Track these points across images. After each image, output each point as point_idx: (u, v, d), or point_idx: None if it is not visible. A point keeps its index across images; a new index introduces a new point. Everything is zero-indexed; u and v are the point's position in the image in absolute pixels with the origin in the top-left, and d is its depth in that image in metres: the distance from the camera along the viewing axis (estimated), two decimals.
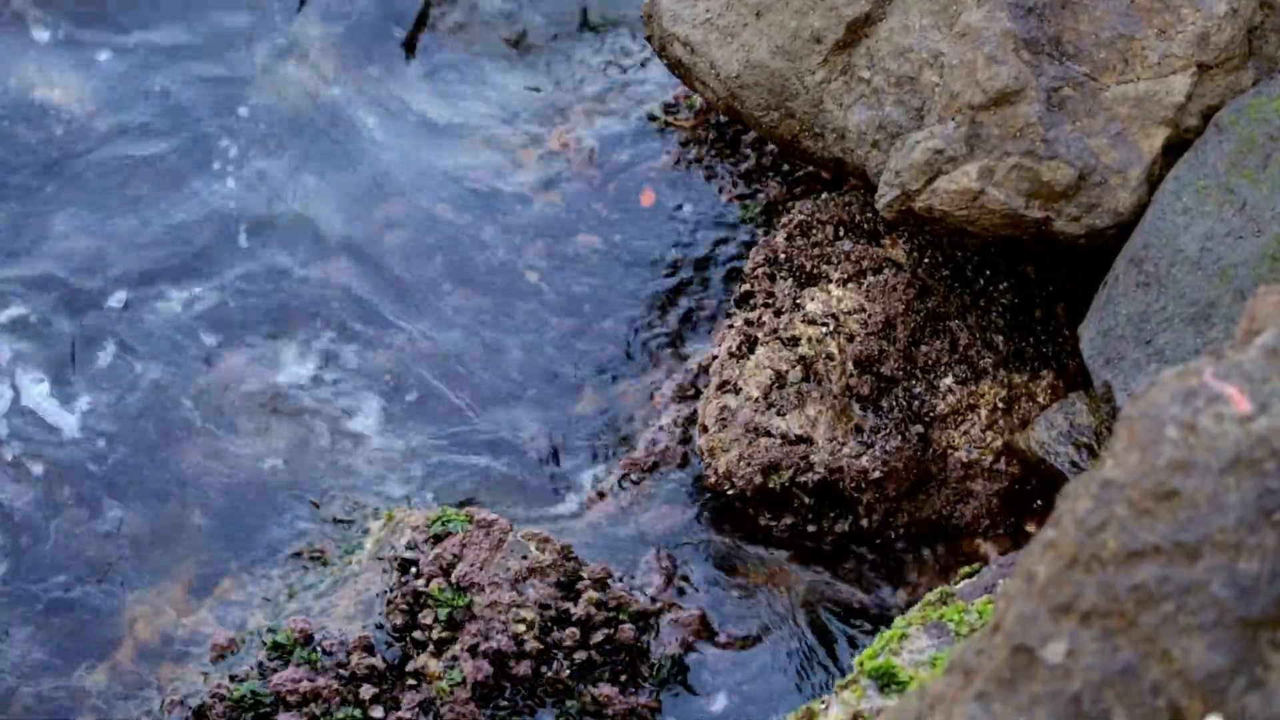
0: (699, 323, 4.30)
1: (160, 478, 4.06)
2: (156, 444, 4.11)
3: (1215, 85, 3.75)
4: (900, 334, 3.97)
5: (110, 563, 3.94)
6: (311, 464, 4.10)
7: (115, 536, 3.97)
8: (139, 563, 3.94)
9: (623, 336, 4.30)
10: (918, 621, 3.16)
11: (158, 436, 4.12)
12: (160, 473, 4.07)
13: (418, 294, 4.38)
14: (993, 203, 3.72)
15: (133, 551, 3.96)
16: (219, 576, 3.93)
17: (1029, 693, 1.93)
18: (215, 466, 4.09)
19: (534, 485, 4.09)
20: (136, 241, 4.44)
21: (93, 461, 4.08)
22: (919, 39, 3.80)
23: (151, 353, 4.25)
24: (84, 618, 3.86)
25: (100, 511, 4.01)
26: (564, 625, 3.74)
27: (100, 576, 3.91)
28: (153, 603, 3.89)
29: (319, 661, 3.70)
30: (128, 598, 3.89)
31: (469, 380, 4.25)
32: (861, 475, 3.87)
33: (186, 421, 4.15)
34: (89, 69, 4.77)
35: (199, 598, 3.91)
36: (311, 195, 4.54)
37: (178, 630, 3.85)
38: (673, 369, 4.22)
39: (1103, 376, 3.68)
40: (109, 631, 3.85)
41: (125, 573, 3.92)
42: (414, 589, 3.76)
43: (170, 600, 3.89)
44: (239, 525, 4.00)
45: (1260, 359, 1.99)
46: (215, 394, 4.19)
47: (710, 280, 4.37)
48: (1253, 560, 1.87)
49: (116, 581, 3.91)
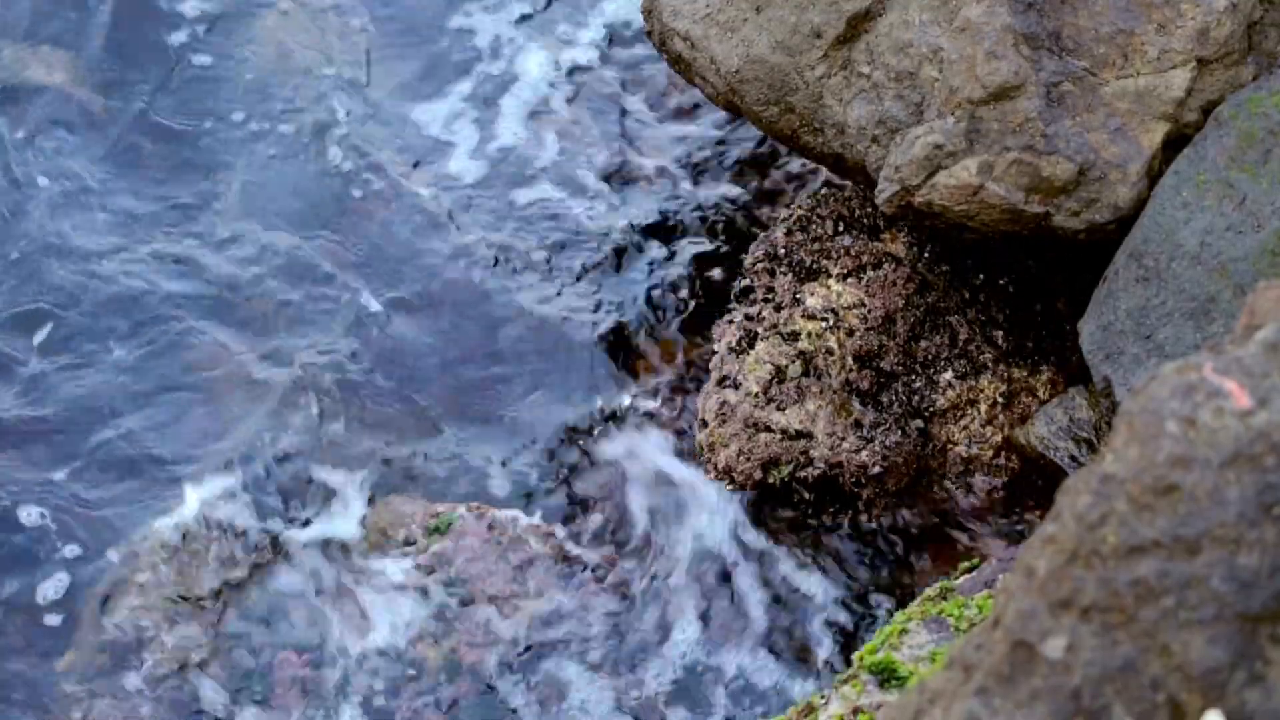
0: (699, 318, 4.30)
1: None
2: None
3: (1215, 80, 3.75)
4: (900, 329, 3.97)
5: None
6: (310, 450, 4.10)
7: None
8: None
9: (622, 331, 4.30)
10: (917, 616, 3.16)
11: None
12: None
13: (407, 282, 4.38)
14: (992, 198, 3.72)
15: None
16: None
17: (1029, 688, 1.93)
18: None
19: (532, 477, 4.09)
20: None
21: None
22: (919, 34, 3.80)
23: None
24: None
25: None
26: (564, 620, 3.74)
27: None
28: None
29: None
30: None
31: (467, 373, 4.25)
32: (861, 470, 3.87)
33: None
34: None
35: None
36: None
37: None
38: (672, 365, 4.22)
39: (1102, 371, 3.68)
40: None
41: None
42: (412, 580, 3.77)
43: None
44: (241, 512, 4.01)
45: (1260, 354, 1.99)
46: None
47: (711, 275, 4.36)
48: (1252, 555, 1.87)
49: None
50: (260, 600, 3.89)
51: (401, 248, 4.47)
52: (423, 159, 4.64)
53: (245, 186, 4.56)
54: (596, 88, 4.78)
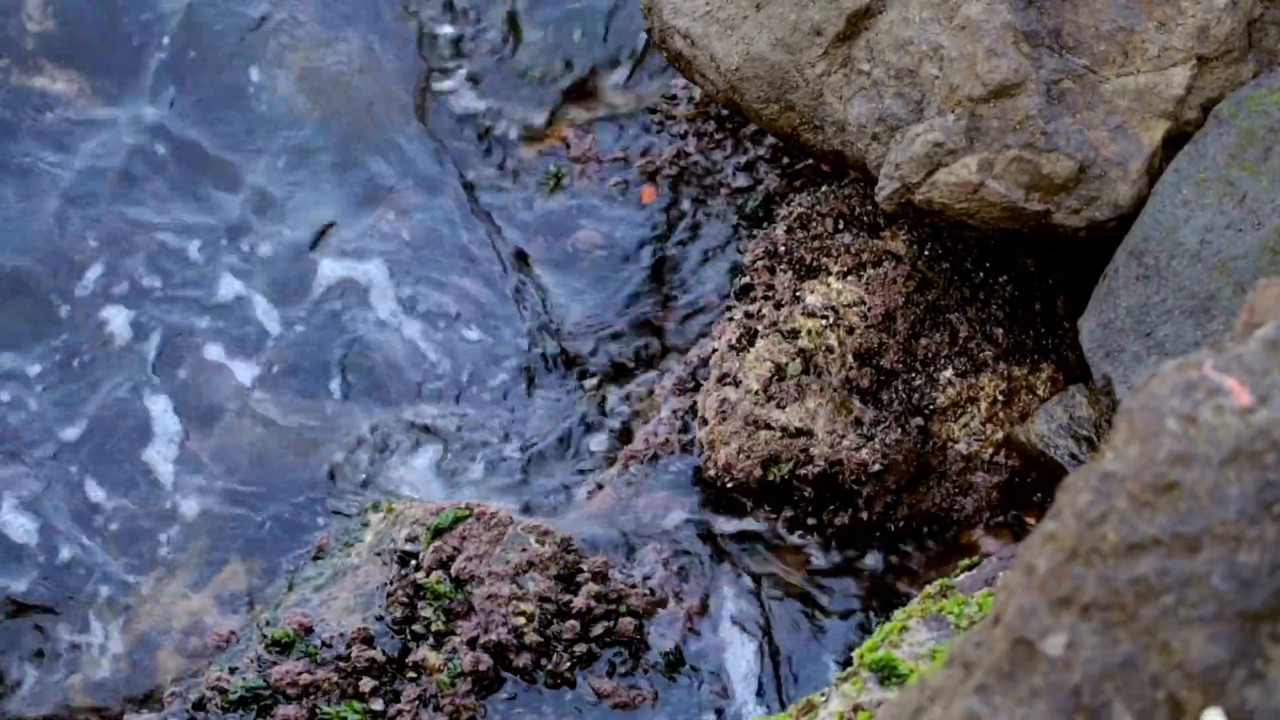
0: (698, 315, 4.30)
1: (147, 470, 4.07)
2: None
3: (1215, 78, 3.75)
4: (900, 327, 3.97)
5: (107, 551, 3.94)
6: (309, 454, 4.10)
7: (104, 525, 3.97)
8: (135, 552, 3.94)
9: (622, 328, 4.30)
10: (918, 614, 3.16)
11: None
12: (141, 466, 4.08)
13: (412, 285, 4.38)
14: (992, 195, 3.72)
15: (130, 541, 3.96)
16: (219, 566, 3.93)
17: (1029, 685, 1.93)
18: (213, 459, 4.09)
19: (533, 477, 4.09)
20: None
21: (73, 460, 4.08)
22: (919, 32, 3.80)
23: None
24: (79, 609, 3.86)
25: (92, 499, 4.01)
26: (564, 618, 3.74)
27: (95, 566, 3.91)
28: (150, 593, 3.89)
29: (318, 654, 3.70)
30: (124, 587, 3.89)
31: (467, 371, 4.25)
32: (861, 468, 3.87)
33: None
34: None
35: (197, 589, 3.91)
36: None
37: (174, 621, 3.85)
38: (672, 361, 4.22)
39: (1102, 369, 3.68)
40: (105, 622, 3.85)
41: (122, 562, 3.92)
42: (414, 581, 3.76)
43: (168, 590, 3.89)
44: (238, 516, 4.00)
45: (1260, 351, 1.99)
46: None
47: (710, 273, 4.36)
48: (1253, 552, 1.87)
49: (112, 571, 3.91)
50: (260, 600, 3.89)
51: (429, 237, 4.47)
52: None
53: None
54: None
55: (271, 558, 3.95)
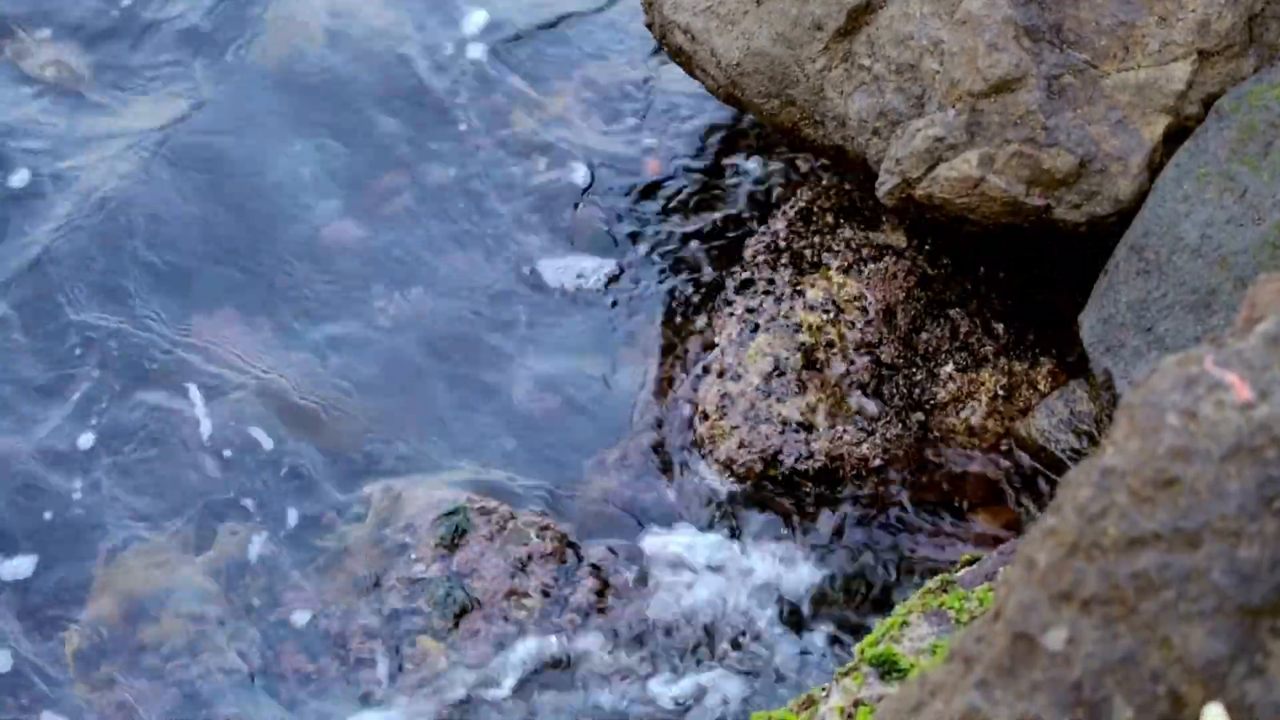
0: (699, 310, 4.30)
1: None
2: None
3: (1216, 73, 3.75)
4: (900, 321, 3.97)
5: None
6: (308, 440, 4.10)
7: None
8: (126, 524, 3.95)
9: (621, 324, 4.30)
10: (918, 609, 3.16)
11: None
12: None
13: (411, 267, 4.38)
14: (993, 190, 3.72)
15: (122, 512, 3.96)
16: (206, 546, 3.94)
17: (1029, 680, 1.94)
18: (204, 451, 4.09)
19: (534, 471, 4.09)
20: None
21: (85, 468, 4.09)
22: (919, 26, 3.80)
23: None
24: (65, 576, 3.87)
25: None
26: (565, 611, 3.74)
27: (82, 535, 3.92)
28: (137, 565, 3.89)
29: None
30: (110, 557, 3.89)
31: (465, 363, 4.25)
32: (862, 462, 3.87)
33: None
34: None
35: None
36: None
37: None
38: (672, 356, 4.22)
39: (1103, 364, 3.68)
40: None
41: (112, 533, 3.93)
42: (413, 574, 3.77)
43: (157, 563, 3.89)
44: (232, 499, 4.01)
45: (1261, 346, 1.99)
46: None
47: (710, 267, 4.36)
48: (1253, 547, 1.87)
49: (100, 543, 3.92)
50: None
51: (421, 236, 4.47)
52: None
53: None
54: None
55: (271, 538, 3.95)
